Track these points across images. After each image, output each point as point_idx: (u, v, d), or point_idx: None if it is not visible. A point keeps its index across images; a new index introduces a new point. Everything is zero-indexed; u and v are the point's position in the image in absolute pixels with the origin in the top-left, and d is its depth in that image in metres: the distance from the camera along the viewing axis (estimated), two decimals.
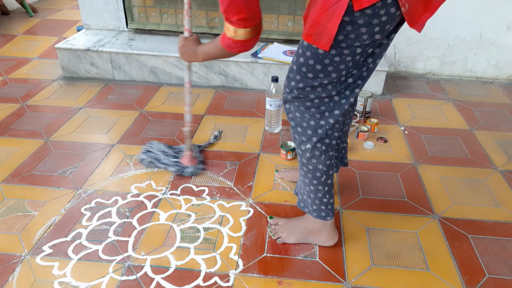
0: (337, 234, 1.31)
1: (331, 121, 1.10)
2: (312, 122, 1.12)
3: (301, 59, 1.04)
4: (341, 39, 0.96)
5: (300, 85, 1.07)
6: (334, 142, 1.14)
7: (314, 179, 1.19)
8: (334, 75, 1.04)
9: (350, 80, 1.08)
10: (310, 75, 1.04)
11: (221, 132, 1.88)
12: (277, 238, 1.31)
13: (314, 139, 1.12)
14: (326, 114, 1.10)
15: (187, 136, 1.59)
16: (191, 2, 1.35)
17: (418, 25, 0.97)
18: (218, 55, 1.27)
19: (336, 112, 1.10)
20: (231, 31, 1.11)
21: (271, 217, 1.39)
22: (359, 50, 0.99)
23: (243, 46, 1.15)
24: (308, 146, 1.14)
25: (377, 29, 0.95)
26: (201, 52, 1.32)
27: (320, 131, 1.11)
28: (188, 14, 1.36)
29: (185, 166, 1.60)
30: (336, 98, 1.09)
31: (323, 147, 1.13)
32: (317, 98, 1.09)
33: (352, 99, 1.10)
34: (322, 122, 1.11)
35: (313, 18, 0.96)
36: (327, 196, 1.22)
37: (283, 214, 1.42)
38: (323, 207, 1.23)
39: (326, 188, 1.21)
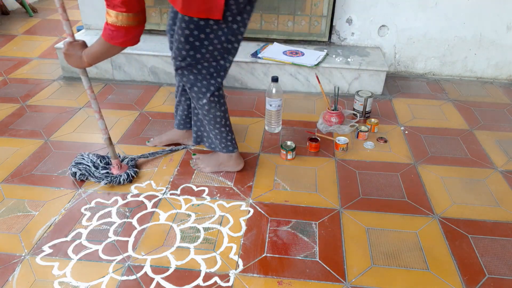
0: (243, 162, 1.61)
1: (219, 80, 1.38)
2: (205, 82, 1.37)
3: (187, 31, 1.25)
4: None
5: (191, 53, 1.30)
6: (222, 92, 1.42)
7: (216, 123, 1.46)
8: (216, 41, 1.28)
9: (230, 45, 1.32)
10: (197, 43, 1.28)
11: None
12: (196, 168, 1.62)
13: (208, 95, 1.39)
14: (215, 75, 1.36)
15: (108, 144, 1.53)
16: (64, 5, 1.25)
17: None
18: (102, 52, 1.25)
19: (222, 73, 1.38)
20: (113, 16, 1.11)
21: (194, 154, 1.68)
22: (230, 19, 1.24)
23: (126, 34, 1.16)
24: (205, 101, 1.40)
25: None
26: (85, 55, 1.28)
27: (212, 88, 1.38)
28: (64, 18, 1.26)
29: (116, 175, 1.55)
30: (222, 62, 1.35)
31: (216, 99, 1.41)
32: (206, 62, 1.33)
33: (232, 58, 1.37)
34: (212, 82, 1.37)
35: None
36: (230, 134, 1.51)
37: (283, 214, 1.42)
38: (228, 143, 1.52)
39: (228, 128, 1.50)
